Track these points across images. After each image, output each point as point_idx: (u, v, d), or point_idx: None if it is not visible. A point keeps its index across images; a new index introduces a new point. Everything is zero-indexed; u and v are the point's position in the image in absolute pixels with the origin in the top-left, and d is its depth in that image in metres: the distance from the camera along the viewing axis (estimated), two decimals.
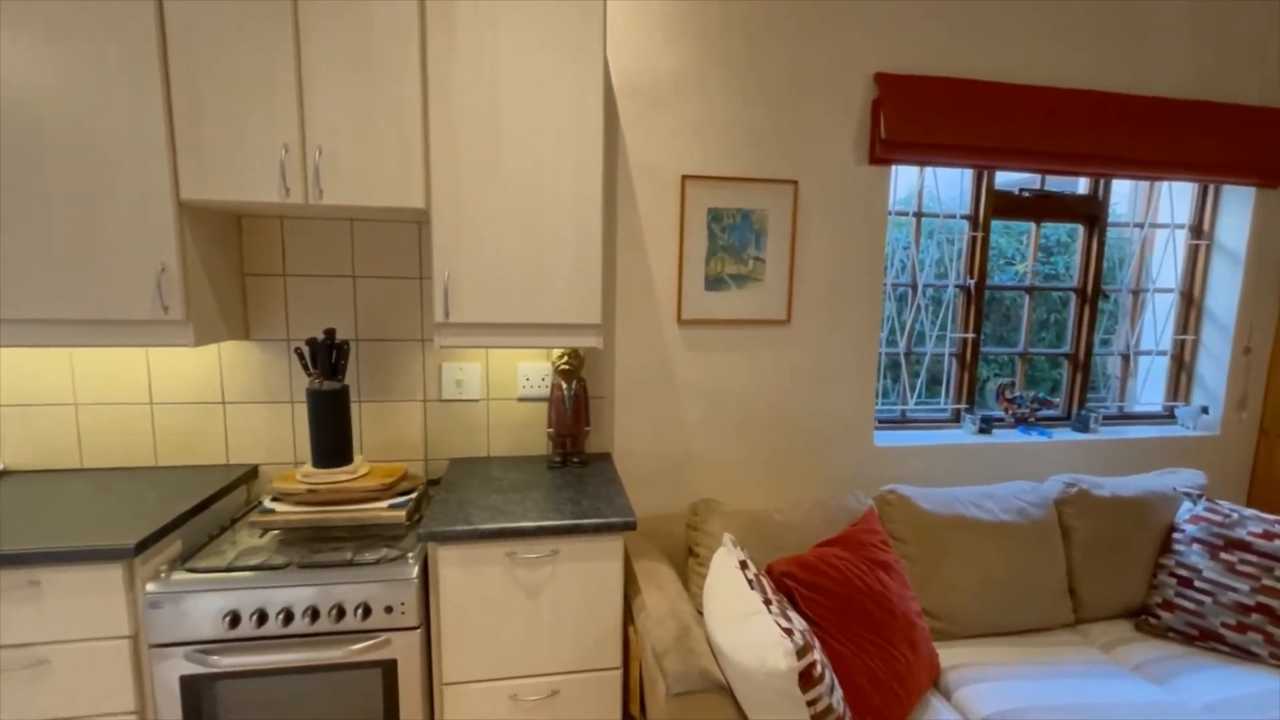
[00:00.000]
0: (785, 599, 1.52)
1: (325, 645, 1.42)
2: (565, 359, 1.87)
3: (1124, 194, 2.56)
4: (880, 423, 2.39)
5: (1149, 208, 2.55)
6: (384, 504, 1.63)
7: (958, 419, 2.45)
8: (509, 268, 1.61)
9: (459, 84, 1.53)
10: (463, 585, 1.49)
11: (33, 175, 1.41)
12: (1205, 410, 2.54)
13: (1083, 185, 2.47)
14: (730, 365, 2.09)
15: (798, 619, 1.36)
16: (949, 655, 1.77)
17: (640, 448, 2.08)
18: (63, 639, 1.34)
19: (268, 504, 1.60)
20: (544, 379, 2.00)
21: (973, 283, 2.35)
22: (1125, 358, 2.63)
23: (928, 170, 2.28)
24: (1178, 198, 2.53)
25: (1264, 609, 1.79)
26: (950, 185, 2.33)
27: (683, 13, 1.91)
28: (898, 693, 1.51)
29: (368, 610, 1.43)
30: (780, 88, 1.99)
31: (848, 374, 2.17)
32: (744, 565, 1.43)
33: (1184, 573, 1.93)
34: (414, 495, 1.70)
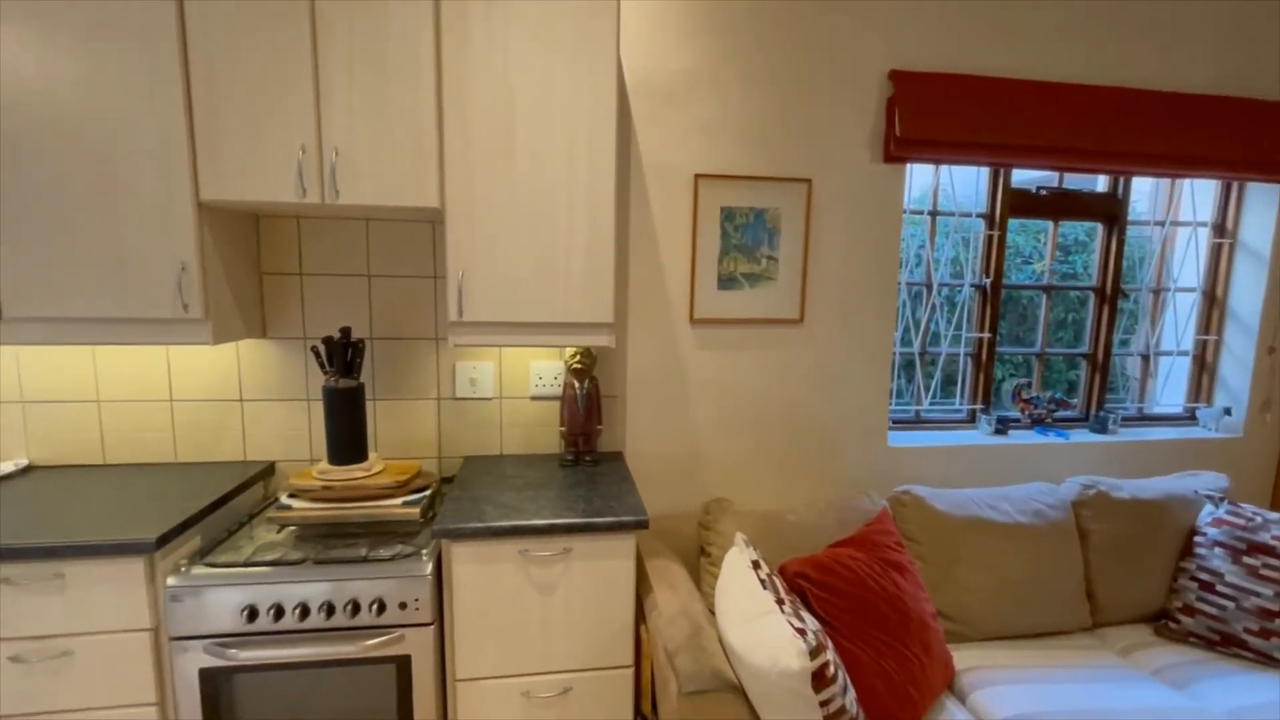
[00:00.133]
0: (798, 599, 1.52)
1: (340, 640, 1.44)
2: (578, 358, 1.88)
3: (1144, 192, 2.52)
4: (894, 423, 2.37)
5: (1170, 205, 2.50)
6: (398, 501, 1.64)
7: (973, 419, 2.42)
8: (522, 267, 1.62)
9: (473, 84, 1.54)
10: (476, 582, 1.50)
11: (58, 177, 1.44)
12: (1228, 412, 2.49)
13: (1102, 183, 2.43)
14: (743, 365, 2.08)
15: (811, 619, 1.35)
16: (963, 658, 1.76)
17: (652, 447, 2.08)
18: (86, 631, 1.37)
19: (284, 500, 1.63)
20: (556, 378, 2.01)
21: (989, 282, 2.33)
22: (1145, 358, 2.59)
23: (943, 168, 2.26)
24: (1200, 195, 2.49)
25: None
26: (966, 183, 2.30)
27: (696, 11, 1.91)
28: (911, 695, 1.50)
29: (382, 606, 1.45)
30: (794, 86, 1.98)
31: (861, 374, 2.16)
32: (756, 565, 1.43)
33: (1205, 577, 1.90)
34: (428, 492, 1.71)
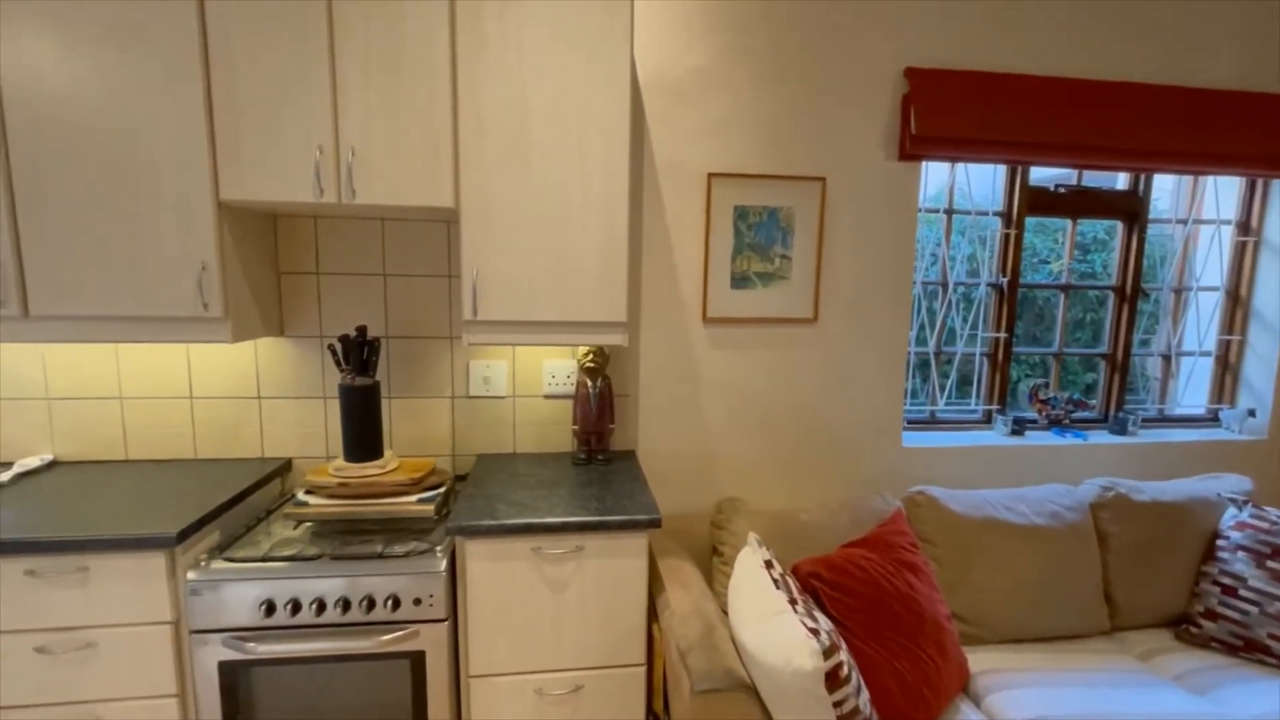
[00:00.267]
0: (811, 599, 1.51)
1: (356, 635, 1.45)
2: (591, 357, 1.88)
3: (1166, 189, 2.48)
4: (909, 423, 2.35)
5: (1193, 203, 2.46)
6: (413, 498, 1.66)
7: (989, 420, 2.40)
8: (536, 266, 1.63)
9: (487, 84, 1.55)
10: (490, 579, 1.51)
11: (82, 178, 1.46)
12: (1252, 413, 2.45)
13: (1122, 181, 2.39)
14: (756, 364, 2.08)
15: (824, 619, 1.34)
16: (979, 660, 1.74)
17: (664, 446, 2.08)
18: (109, 623, 1.40)
19: (301, 496, 1.65)
20: (569, 376, 2.01)
21: (1005, 281, 2.30)
22: (1166, 359, 2.54)
23: (959, 166, 2.24)
24: (1224, 193, 2.44)
25: None
26: (982, 181, 2.28)
27: (709, 10, 1.91)
28: (925, 696, 1.49)
29: (397, 602, 1.46)
30: (808, 84, 1.97)
31: (876, 373, 2.15)
32: (769, 565, 1.42)
33: (1228, 581, 1.86)
34: (442, 490, 1.73)
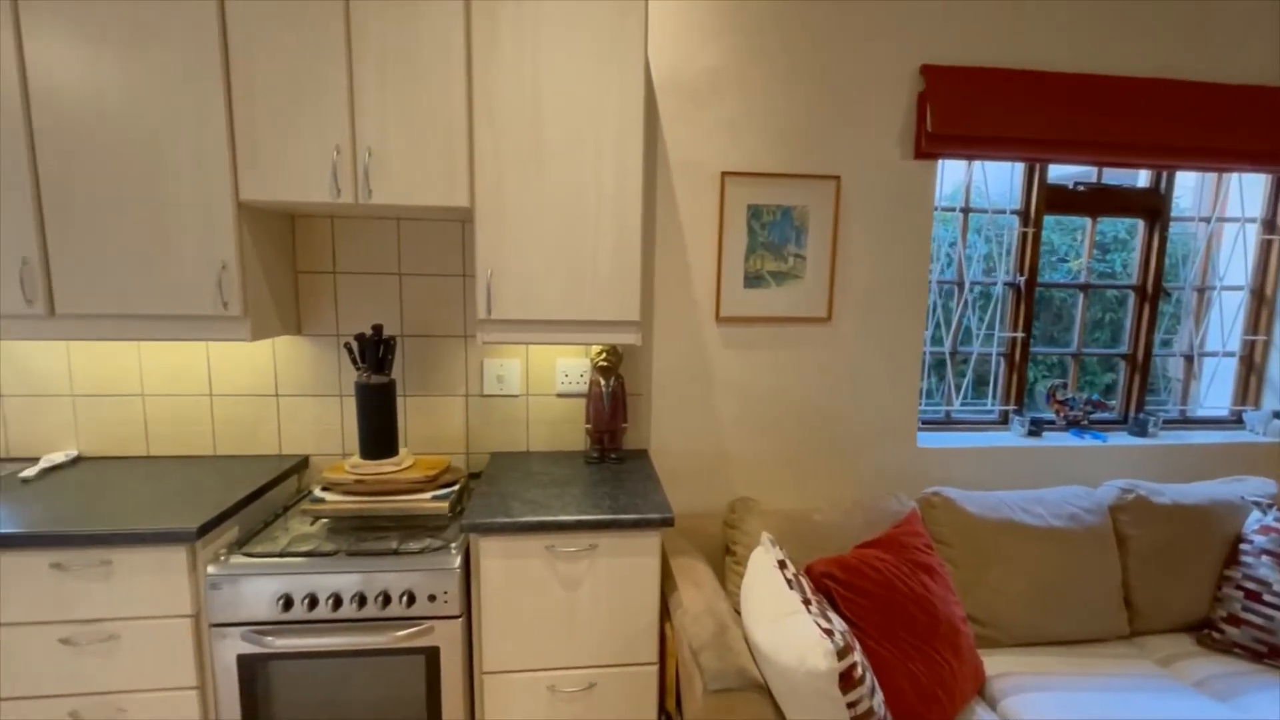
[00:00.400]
0: (825, 600, 1.50)
1: (371, 630, 1.47)
2: (604, 356, 1.89)
3: (1189, 187, 2.43)
4: (924, 423, 2.33)
5: (1216, 201, 2.41)
6: (428, 495, 1.67)
7: (1005, 421, 2.37)
8: (550, 265, 1.63)
9: (502, 85, 1.56)
10: (503, 576, 1.52)
11: (105, 179, 1.49)
12: (1277, 415, 2.40)
13: (1143, 178, 2.35)
14: (769, 363, 2.07)
15: (838, 620, 1.34)
16: (995, 663, 1.72)
17: (677, 445, 2.08)
18: (131, 615, 1.42)
19: (318, 493, 1.67)
20: (582, 375, 2.02)
21: (1023, 280, 2.27)
22: (1188, 359, 2.50)
23: (976, 164, 2.22)
24: (1249, 190, 2.39)
25: None
26: (1000, 179, 2.25)
27: (723, 9, 1.90)
28: (940, 698, 1.48)
29: (412, 598, 1.47)
30: (823, 82, 1.96)
31: (890, 373, 2.13)
32: (782, 565, 1.42)
33: (1252, 586, 1.83)
34: (456, 487, 1.74)
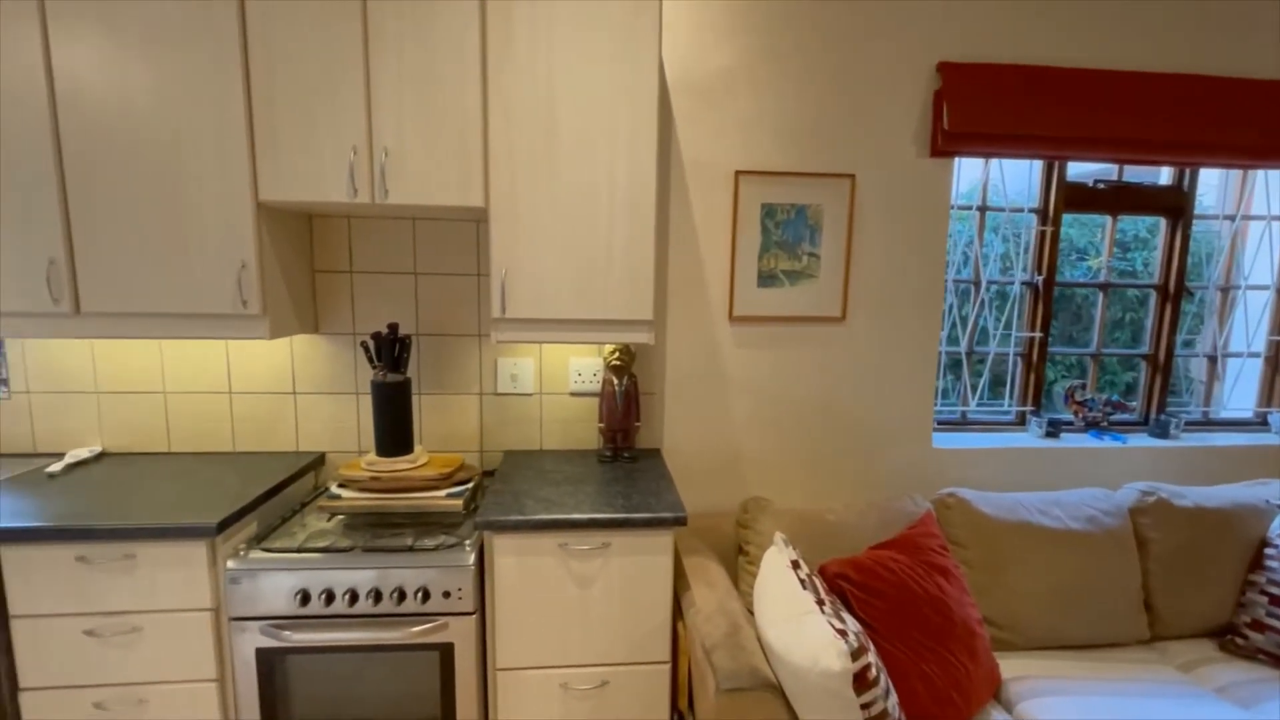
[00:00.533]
0: (838, 600, 1.50)
1: (387, 626, 1.48)
2: (616, 355, 1.89)
3: (1212, 184, 2.39)
4: (940, 424, 2.31)
5: (1241, 198, 2.37)
6: (442, 493, 1.68)
7: (1022, 422, 2.34)
8: (564, 264, 1.64)
9: (517, 85, 1.57)
10: (517, 573, 1.53)
11: (129, 180, 1.52)
12: None
13: (1166, 175, 2.31)
14: (782, 363, 2.06)
15: (851, 621, 1.33)
16: (1010, 666, 1.70)
17: (690, 444, 2.07)
18: (154, 609, 1.45)
19: (334, 489, 1.69)
20: (595, 374, 2.02)
21: (1041, 279, 2.24)
22: (1212, 360, 2.45)
23: (993, 162, 2.19)
24: (1275, 187, 2.34)
25: None
26: (1018, 177, 2.23)
27: (736, 9, 1.89)
28: (955, 701, 1.47)
29: (426, 594, 1.49)
30: (837, 80, 1.95)
31: (905, 373, 2.11)
32: (796, 565, 1.41)
33: (1276, 590, 1.79)
34: (470, 485, 1.75)
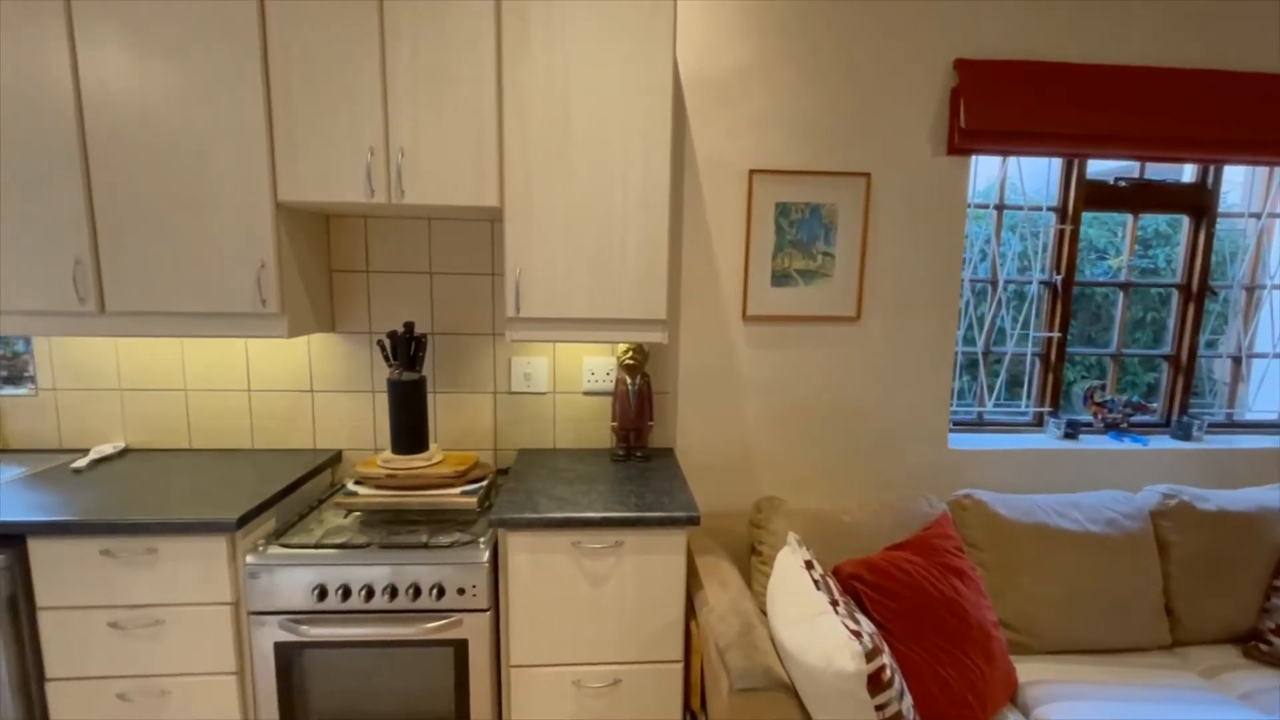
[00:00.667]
0: (852, 601, 1.49)
1: (402, 622, 1.50)
2: (630, 354, 1.89)
3: (1237, 181, 2.34)
4: (955, 425, 2.29)
5: (1268, 196, 2.32)
6: (457, 490, 1.70)
7: (1040, 423, 2.31)
8: (578, 264, 1.64)
9: (532, 85, 1.58)
10: (530, 571, 1.54)
11: (152, 181, 1.55)
12: None
13: (1189, 173, 2.27)
14: (796, 362, 2.05)
15: (866, 622, 1.32)
16: (1027, 670, 1.68)
17: (703, 443, 2.07)
18: (175, 602, 1.48)
19: (351, 486, 1.70)
20: (608, 374, 2.03)
21: (1059, 278, 2.21)
22: (1236, 360, 2.41)
23: (1011, 160, 2.16)
24: None
25: None
26: (1036, 175, 2.20)
27: (751, 8, 1.89)
28: (971, 704, 1.45)
29: (441, 591, 1.50)
30: (852, 78, 1.94)
31: (921, 373, 2.09)
32: (810, 565, 1.41)
33: None
34: (484, 483, 1.76)
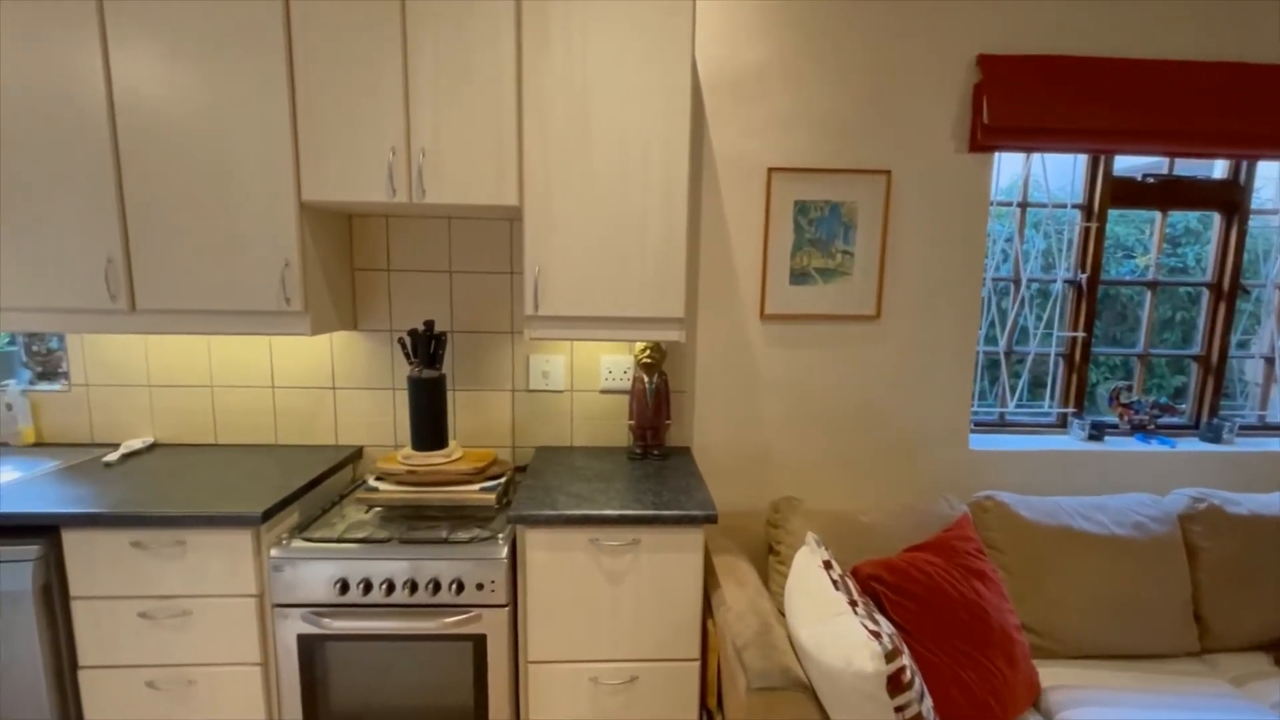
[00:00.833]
0: (871, 602, 1.48)
1: (422, 616, 1.52)
2: (647, 352, 1.90)
3: (1270, 177, 2.28)
4: (976, 425, 2.26)
5: None
6: (475, 487, 1.71)
7: (1064, 424, 2.27)
8: (596, 262, 1.65)
9: (552, 85, 1.59)
10: (548, 568, 1.55)
11: (181, 182, 1.58)
12: None
13: (1220, 169, 2.22)
14: (815, 361, 2.04)
15: (885, 623, 1.31)
16: (1050, 675, 1.66)
17: (720, 442, 2.07)
18: (202, 594, 1.51)
19: (372, 482, 1.73)
20: (626, 372, 2.03)
21: (1084, 277, 2.17)
22: (1269, 361, 2.35)
23: (1035, 156, 2.13)
24: None
25: None
26: (1061, 172, 2.16)
27: (770, 7, 1.88)
28: (992, 708, 1.43)
29: (460, 586, 1.51)
30: (873, 75, 1.92)
31: (942, 373, 2.07)
32: (828, 565, 1.40)
33: None
34: (503, 480, 1.78)
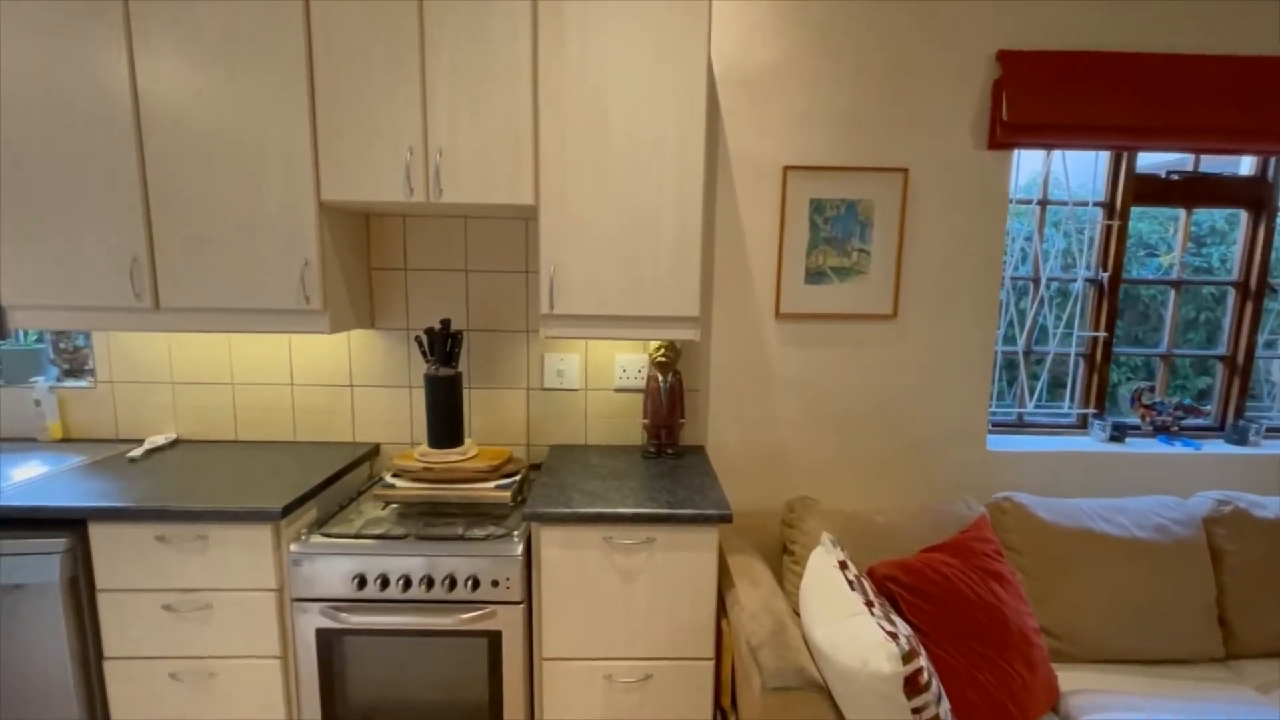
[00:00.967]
0: (887, 603, 1.47)
1: (438, 612, 1.53)
2: (662, 351, 1.90)
3: None
4: (995, 426, 2.23)
5: None
6: (491, 484, 1.72)
7: (1084, 425, 2.24)
8: (611, 261, 1.65)
9: (567, 85, 1.59)
10: (563, 565, 1.56)
11: (204, 183, 1.61)
12: None
13: (1247, 165, 2.18)
14: (830, 361, 2.03)
15: (902, 624, 1.30)
16: (1070, 679, 1.63)
17: (735, 441, 2.06)
18: (224, 587, 1.54)
19: (389, 479, 1.74)
20: (640, 371, 2.03)
21: (1106, 276, 2.14)
22: None
23: (1055, 153, 2.10)
24: None
25: None
26: (1082, 169, 2.13)
27: (785, 5, 1.87)
28: (1011, 712, 1.42)
29: (476, 583, 1.53)
30: (890, 72, 1.90)
31: (959, 372, 2.05)
32: (844, 565, 1.39)
33: None
34: (518, 478, 1.79)
